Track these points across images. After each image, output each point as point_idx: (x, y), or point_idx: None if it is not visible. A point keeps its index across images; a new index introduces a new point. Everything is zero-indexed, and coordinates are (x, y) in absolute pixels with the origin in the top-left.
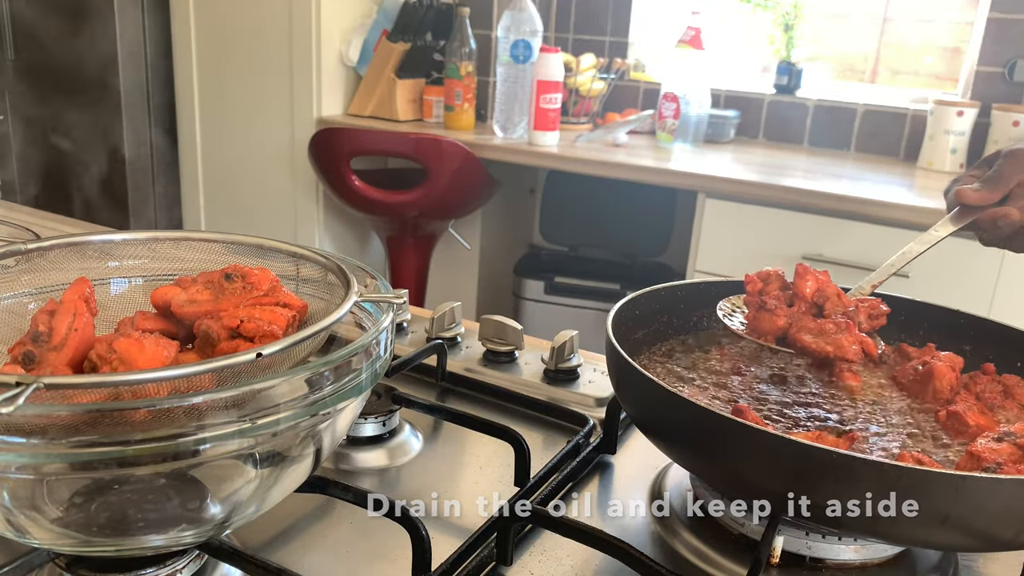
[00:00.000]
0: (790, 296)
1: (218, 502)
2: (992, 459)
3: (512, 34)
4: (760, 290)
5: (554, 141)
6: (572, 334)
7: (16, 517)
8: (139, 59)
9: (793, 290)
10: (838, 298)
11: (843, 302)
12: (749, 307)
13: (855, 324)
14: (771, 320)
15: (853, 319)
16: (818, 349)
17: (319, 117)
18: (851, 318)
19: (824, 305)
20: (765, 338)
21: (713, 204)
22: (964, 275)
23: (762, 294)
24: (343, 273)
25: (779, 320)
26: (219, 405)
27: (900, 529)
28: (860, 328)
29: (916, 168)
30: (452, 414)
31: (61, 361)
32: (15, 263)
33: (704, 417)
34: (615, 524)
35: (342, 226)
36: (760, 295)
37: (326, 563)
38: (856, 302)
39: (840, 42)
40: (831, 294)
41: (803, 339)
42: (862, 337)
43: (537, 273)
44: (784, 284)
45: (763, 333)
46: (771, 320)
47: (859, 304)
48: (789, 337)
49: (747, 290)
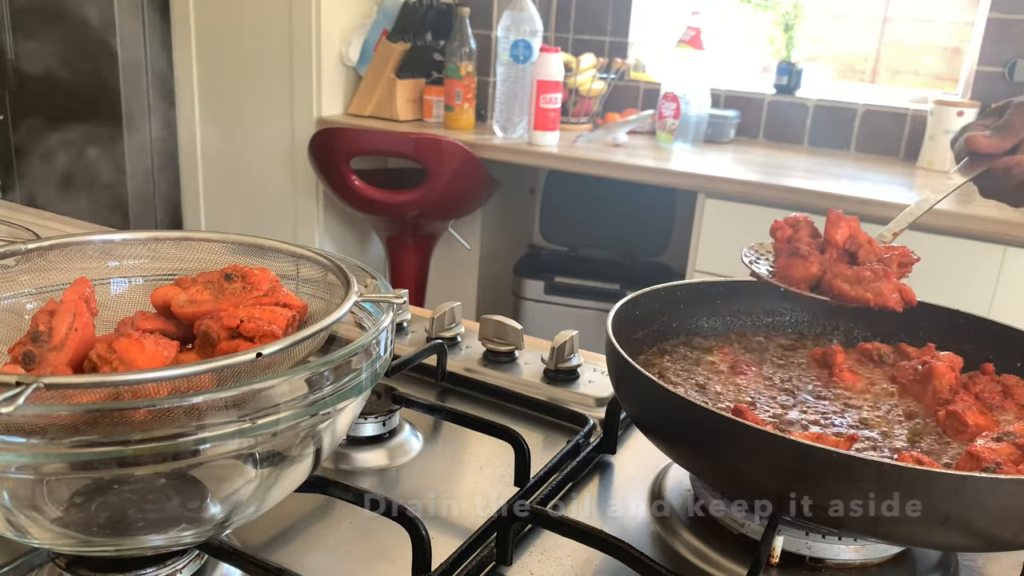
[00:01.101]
0: (820, 244)
1: (218, 502)
2: (991, 459)
3: (512, 34)
4: (790, 237)
5: (554, 141)
6: (572, 334)
7: (16, 517)
8: (139, 59)
9: (825, 236)
10: (870, 245)
11: (876, 249)
12: (779, 254)
13: (891, 272)
14: (804, 267)
15: (889, 266)
16: (858, 296)
17: (319, 117)
18: (886, 265)
19: (857, 253)
20: (798, 286)
21: (713, 204)
22: (964, 275)
23: (791, 241)
24: (343, 273)
25: (812, 267)
26: (219, 405)
27: (900, 529)
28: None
29: (916, 168)
30: (452, 414)
31: (61, 361)
32: (15, 263)
33: (704, 417)
34: (615, 524)
35: (342, 226)
36: (790, 242)
37: (326, 563)
38: (887, 249)
39: (840, 42)
40: (863, 241)
41: (840, 286)
42: (901, 284)
43: (537, 273)
44: (814, 231)
45: (794, 281)
46: (804, 267)
47: (890, 251)
48: (824, 284)
49: (776, 236)
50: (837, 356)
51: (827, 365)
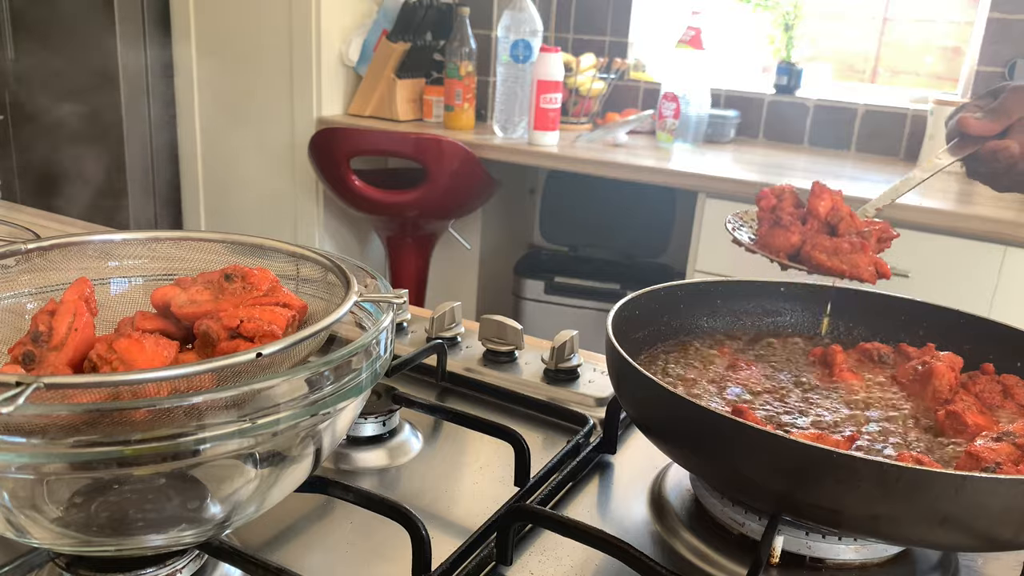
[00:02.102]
0: (803, 214)
1: (218, 502)
2: (991, 459)
3: (512, 34)
4: (773, 206)
5: (554, 141)
6: (572, 334)
7: (16, 517)
8: (139, 59)
9: (808, 208)
10: (851, 218)
11: (856, 223)
12: (761, 222)
13: (869, 245)
14: (785, 236)
15: (867, 240)
16: (834, 267)
17: (319, 117)
18: (865, 239)
19: (838, 225)
20: (777, 255)
21: (713, 204)
22: (964, 275)
23: (775, 210)
24: (343, 273)
25: (793, 237)
26: (219, 405)
27: (900, 529)
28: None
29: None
30: (452, 414)
31: (61, 361)
32: (15, 263)
33: (704, 417)
34: (615, 524)
35: (342, 226)
36: (773, 211)
37: (326, 563)
38: (867, 223)
39: (840, 42)
40: (845, 214)
41: (818, 257)
42: (876, 258)
43: (537, 273)
44: (797, 202)
45: (775, 249)
46: (785, 236)
47: (870, 225)
48: (803, 254)
49: (760, 205)
50: (837, 356)
51: (827, 365)
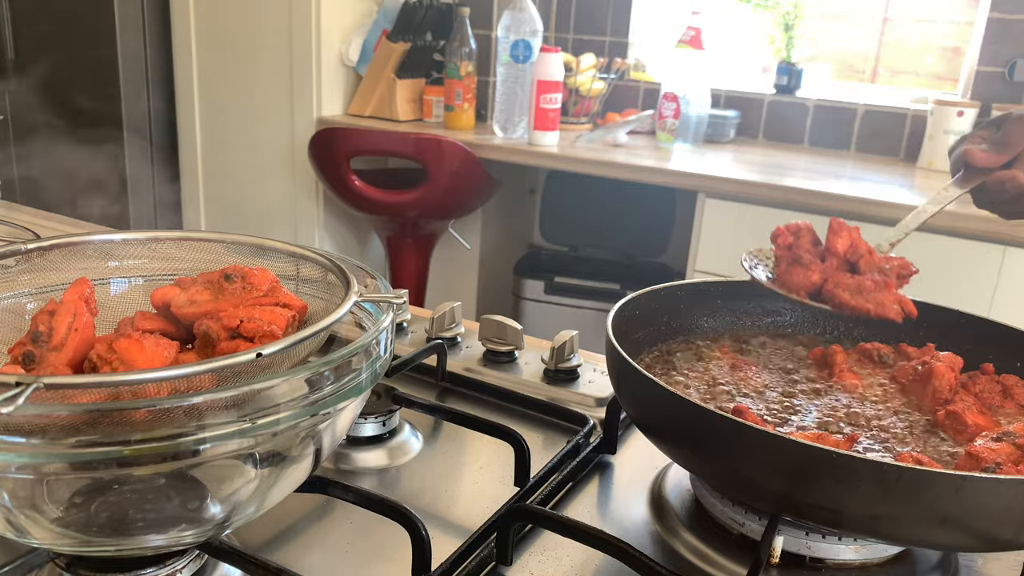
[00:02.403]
0: (821, 252)
1: (218, 502)
2: (991, 459)
3: (512, 34)
4: (790, 244)
5: (554, 141)
6: (572, 334)
7: (16, 517)
8: (139, 58)
9: (826, 245)
10: (871, 255)
11: (876, 260)
12: (779, 261)
13: (892, 283)
14: (805, 275)
15: (889, 276)
16: (858, 306)
17: (319, 117)
18: (886, 275)
19: (858, 262)
20: (797, 293)
21: (713, 204)
22: (964, 275)
23: (792, 248)
24: (343, 273)
25: (813, 275)
26: (219, 405)
27: (900, 529)
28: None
29: (916, 168)
30: (452, 414)
31: (61, 361)
32: (15, 263)
33: (704, 417)
34: (615, 524)
35: (342, 226)
36: (791, 249)
37: (326, 563)
38: (885, 259)
39: (840, 42)
40: (864, 251)
41: (841, 295)
42: (901, 296)
43: (537, 273)
44: (815, 239)
45: (794, 288)
46: (805, 275)
47: (889, 262)
48: (825, 292)
49: (776, 243)
50: (837, 356)
51: (827, 365)
